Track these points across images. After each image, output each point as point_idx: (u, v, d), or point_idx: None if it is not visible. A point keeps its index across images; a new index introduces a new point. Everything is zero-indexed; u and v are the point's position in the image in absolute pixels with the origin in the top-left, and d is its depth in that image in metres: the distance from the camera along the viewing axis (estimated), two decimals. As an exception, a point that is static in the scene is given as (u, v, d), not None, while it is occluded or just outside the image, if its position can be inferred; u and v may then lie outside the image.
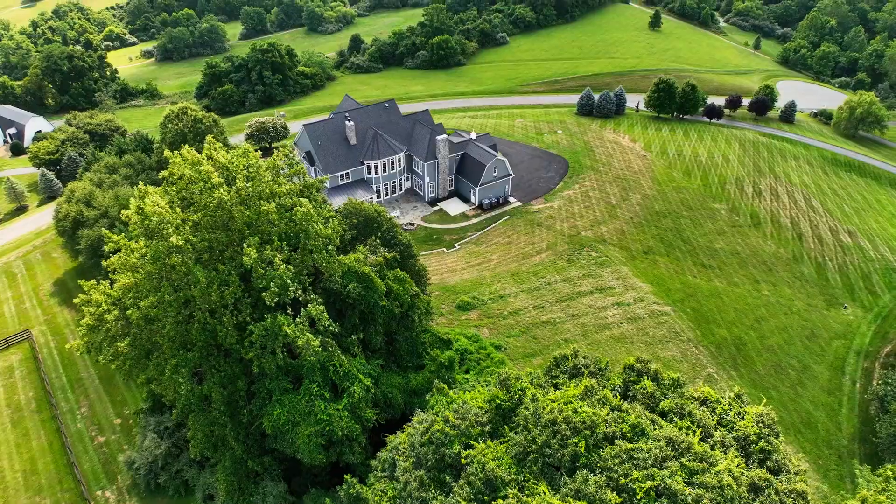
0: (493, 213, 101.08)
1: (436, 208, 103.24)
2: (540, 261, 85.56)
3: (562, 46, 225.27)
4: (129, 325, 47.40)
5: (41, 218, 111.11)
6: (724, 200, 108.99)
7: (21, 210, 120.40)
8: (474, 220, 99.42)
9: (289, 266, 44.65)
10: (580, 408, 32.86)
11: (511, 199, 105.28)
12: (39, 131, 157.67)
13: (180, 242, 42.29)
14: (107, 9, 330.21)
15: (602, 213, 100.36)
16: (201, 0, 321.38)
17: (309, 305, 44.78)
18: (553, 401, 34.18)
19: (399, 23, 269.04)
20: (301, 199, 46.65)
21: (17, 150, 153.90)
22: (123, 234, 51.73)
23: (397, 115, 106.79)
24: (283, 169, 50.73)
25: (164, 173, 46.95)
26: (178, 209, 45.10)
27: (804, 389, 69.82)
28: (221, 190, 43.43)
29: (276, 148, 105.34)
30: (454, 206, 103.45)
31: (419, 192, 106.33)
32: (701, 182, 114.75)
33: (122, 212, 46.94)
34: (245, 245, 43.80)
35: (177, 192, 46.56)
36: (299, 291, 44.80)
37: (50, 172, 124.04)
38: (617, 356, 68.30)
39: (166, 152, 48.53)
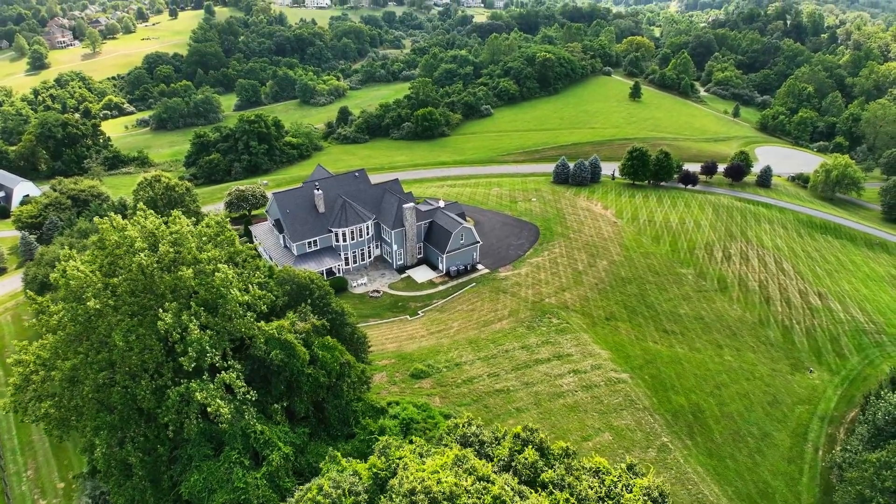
0: (460, 281, 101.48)
1: (404, 276, 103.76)
2: (500, 328, 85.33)
3: (544, 117, 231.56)
4: (54, 386, 47.86)
5: (17, 280, 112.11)
6: (691, 265, 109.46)
7: (0, 272, 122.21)
8: (441, 288, 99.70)
9: (207, 331, 45.15)
10: (444, 478, 32.16)
11: (479, 267, 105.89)
12: (27, 195, 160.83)
13: (98, 306, 43.05)
14: (108, 79, 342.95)
15: (568, 279, 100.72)
16: (199, 72, 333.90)
17: (223, 372, 44.99)
18: (422, 470, 33.54)
19: (389, 95, 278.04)
20: (221, 265, 47.50)
21: (3, 213, 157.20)
22: (49, 295, 52.67)
23: (367, 184, 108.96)
24: (215, 235, 51.78)
25: (93, 238, 48.38)
26: (98, 273, 46.13)
27: (763, 458, 68.15)
28: (142, 255, 44.64)
29: (205, 215, 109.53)
30: (422, 274, 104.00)
31: (388, 259, 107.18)
32: (670, 247, 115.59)
33: (51, 275, 48.11)
34: (161, 310, 44.53)
35: (105, 257, 47.66)
36: (217, 357, 45.13)
37: (31, 236, 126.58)
38: (569, 425, 67.22)
39: (95, 219, 50.14)
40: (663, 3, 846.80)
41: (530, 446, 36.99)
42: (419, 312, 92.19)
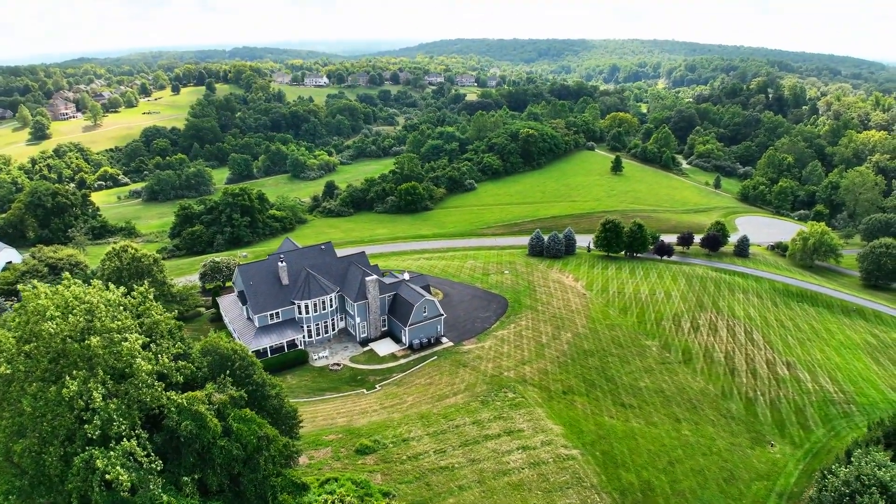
0: (422, 354, 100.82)
1: (366, 348, 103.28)
2: (454, 402, 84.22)
3: (526, 191, 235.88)
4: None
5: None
6: (657, 337, 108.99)
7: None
8: (402, 361, 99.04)
9: (114, 400, 45.41)
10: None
11: (444, 340, 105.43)
12: (10, 262, 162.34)
13: (7, 371, 44.34)
14: (106, 150, 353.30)
15: (530, 352, 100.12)
16: (196, 146, 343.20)
17: (125, 440, 44.96)
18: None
19: (378, 170, 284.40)
20: (131, 335, 48.30)
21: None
22: None
23: (332, 257, 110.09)
24: (136, 306, 52.82)
25: (16, 305, 49.53)
26: (12, 339, 46.95)
27: (714, 538, 65.96)
28: (51, 323, 45.57)
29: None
30: (385, 347, 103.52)
31: (352, 332, 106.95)
32: (636, 319, 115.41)
33: None
34: (68, 377, 44.98)
35: (25, 323, 48.50)
36: (125, 427, 45.13)
37: (7, 303, 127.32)
38: (511, 504, 65.38)
39: (20, 286, 51.37)
40: (652, 80, 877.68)
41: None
42: (377, 386, 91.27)
